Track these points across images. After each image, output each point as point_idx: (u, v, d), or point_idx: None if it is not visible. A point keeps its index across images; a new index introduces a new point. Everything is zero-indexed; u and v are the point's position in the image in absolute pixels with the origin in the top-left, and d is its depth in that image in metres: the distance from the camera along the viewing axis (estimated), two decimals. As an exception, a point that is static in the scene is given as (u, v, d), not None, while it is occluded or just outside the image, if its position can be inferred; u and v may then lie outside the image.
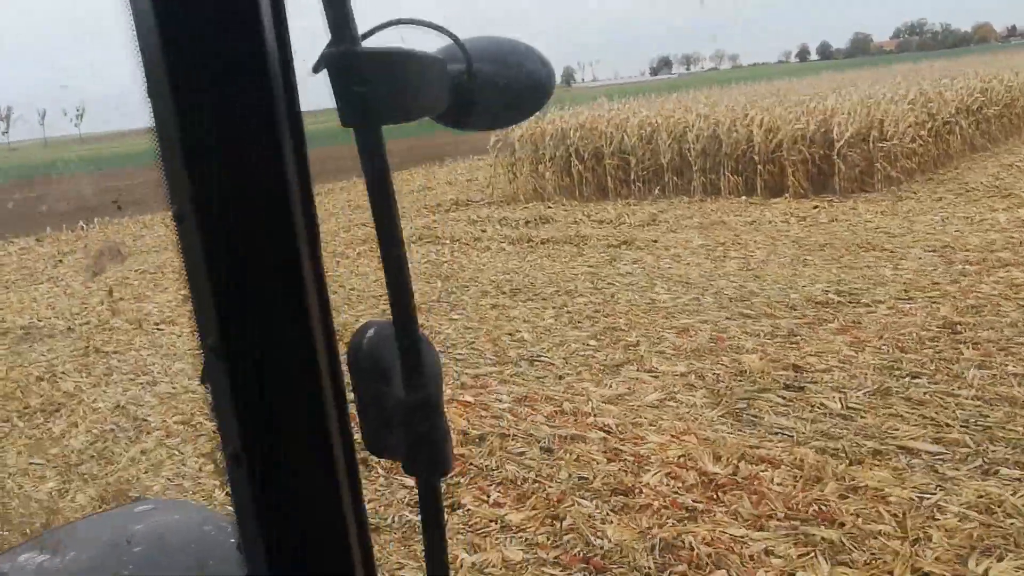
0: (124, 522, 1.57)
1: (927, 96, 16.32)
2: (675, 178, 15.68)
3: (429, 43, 0.81)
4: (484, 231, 13.56)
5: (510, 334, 7.58)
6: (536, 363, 6.77)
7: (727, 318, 7.46)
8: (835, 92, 17.71)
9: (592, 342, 7.14)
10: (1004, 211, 11.05)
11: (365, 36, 0.73)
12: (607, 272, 9.89)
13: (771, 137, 14.82)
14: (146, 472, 5.43)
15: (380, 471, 4.96)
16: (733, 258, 9.99)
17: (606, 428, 5.28)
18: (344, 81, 0.70)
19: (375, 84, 0.71)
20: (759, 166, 14.76)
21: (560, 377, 6.36)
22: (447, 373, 6.73)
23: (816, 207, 12.99)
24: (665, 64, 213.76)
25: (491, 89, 0.84)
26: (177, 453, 5.73)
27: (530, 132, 16.93)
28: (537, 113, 0.93)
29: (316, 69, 0.70)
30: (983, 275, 7.90)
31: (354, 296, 9.77)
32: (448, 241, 12.87)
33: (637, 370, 6.34)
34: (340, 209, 18.32)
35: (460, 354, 7.21)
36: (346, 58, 0.69)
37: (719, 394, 5.67)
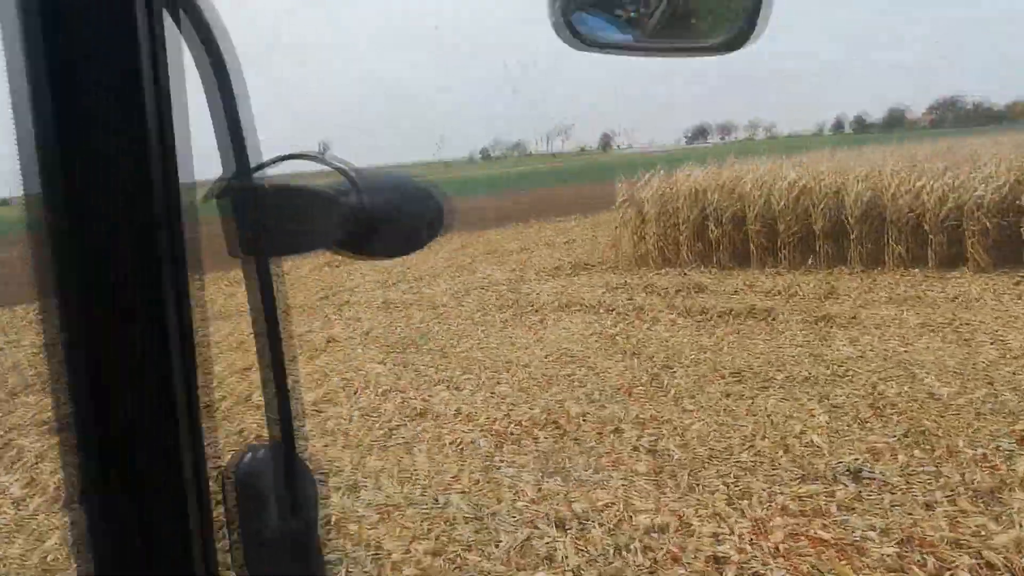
0: None
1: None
2: (826, 246, 14.18)
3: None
4: (632, 299, 12.06)
5: (797, 437, 6.02)
6: (865, 480, 5.19)
7: (1068, 424, 5.88)
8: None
9: (916, 452, 5.56)
10: None
11: (258, 168, 0.73)
12: (830, 354, 8.32)
13: (942, 204, 13.31)
14: None
15: None
16: (981, 343, 8.41)
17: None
18: (237, 212, 0.71)
19: (268, 217, 0.73)
20: (931, 236, 13.24)
21: (927, 506, 4.77)
22: (752, 490, 5.17)
23: (1019, 283, 11.42)
24: (701, 132, 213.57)
25: (384, 222, 0.84)
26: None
27: (661, 192, 15.54)
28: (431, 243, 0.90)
29: (207, 198, 0.70)
30: None
31: (601, 395, 8.25)
32: (603, 311, 11.36)
33: (1031, 499, 4.76)
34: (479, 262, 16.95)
35: (743, 460, 5.65)
36: (239, 190, 0.71)
37: None
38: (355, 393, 7.99)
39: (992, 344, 8.34)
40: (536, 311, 11.65)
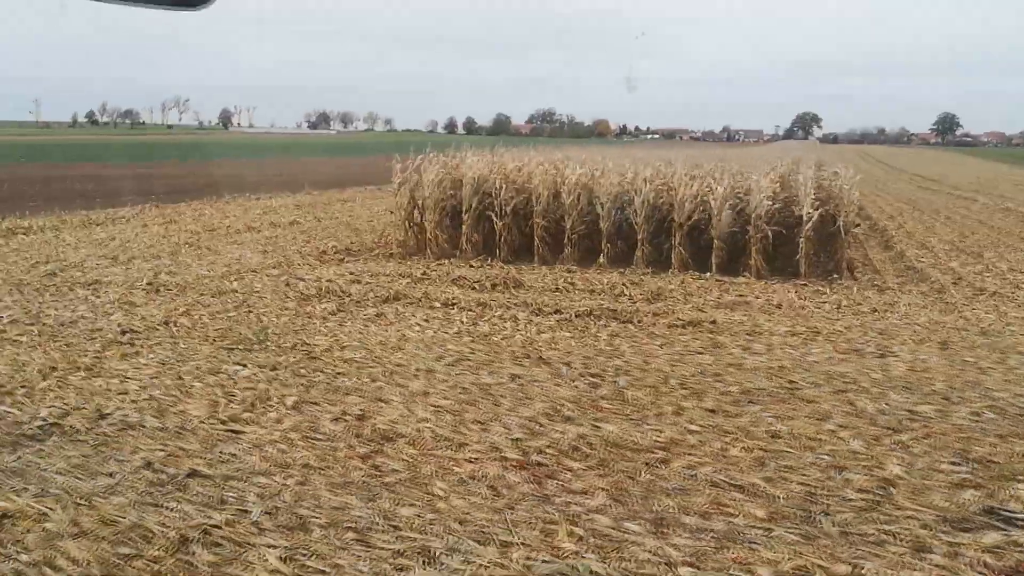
0: None
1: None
2: (611, 246, 13.85)
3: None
4: (449, 292, 10.77)
5: (876, 473, 5.25)
6: (1020, 522, 4.55)
7: None
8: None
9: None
10: None
11: None
12: (751, 363, 7.75)
13: (720, 211, 13.50)
14: None
15: None
16: (873, 354, 8.30)
17: None
18: None
19: None
20: (715, 241, 13.38)
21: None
22: (922, 539, 4.30)
23: (818, 292, 11.78)
24: (324, 119, 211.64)
25: None
26: None
27: (450, 174, 14.33)
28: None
29: None
30: None
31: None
32: (440, 305, 9.97)
33: None
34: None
35: (854, 500, 4.78)
36: None
37: None
38: (254, 406, 6.00)
39: (885, 357, 8.24)
40: (358, 303, 9.95)
